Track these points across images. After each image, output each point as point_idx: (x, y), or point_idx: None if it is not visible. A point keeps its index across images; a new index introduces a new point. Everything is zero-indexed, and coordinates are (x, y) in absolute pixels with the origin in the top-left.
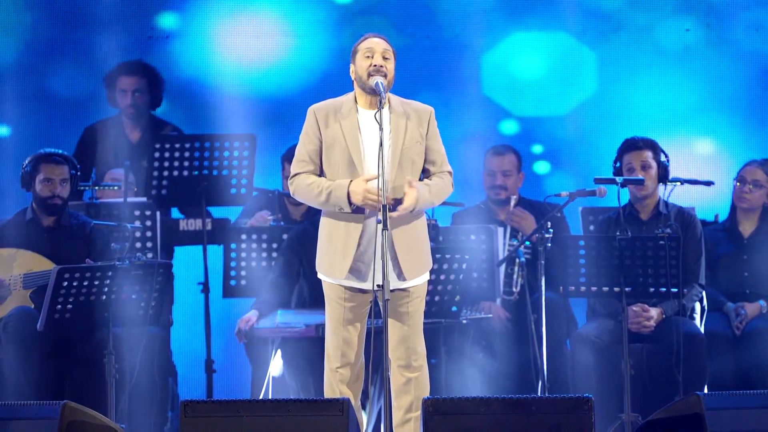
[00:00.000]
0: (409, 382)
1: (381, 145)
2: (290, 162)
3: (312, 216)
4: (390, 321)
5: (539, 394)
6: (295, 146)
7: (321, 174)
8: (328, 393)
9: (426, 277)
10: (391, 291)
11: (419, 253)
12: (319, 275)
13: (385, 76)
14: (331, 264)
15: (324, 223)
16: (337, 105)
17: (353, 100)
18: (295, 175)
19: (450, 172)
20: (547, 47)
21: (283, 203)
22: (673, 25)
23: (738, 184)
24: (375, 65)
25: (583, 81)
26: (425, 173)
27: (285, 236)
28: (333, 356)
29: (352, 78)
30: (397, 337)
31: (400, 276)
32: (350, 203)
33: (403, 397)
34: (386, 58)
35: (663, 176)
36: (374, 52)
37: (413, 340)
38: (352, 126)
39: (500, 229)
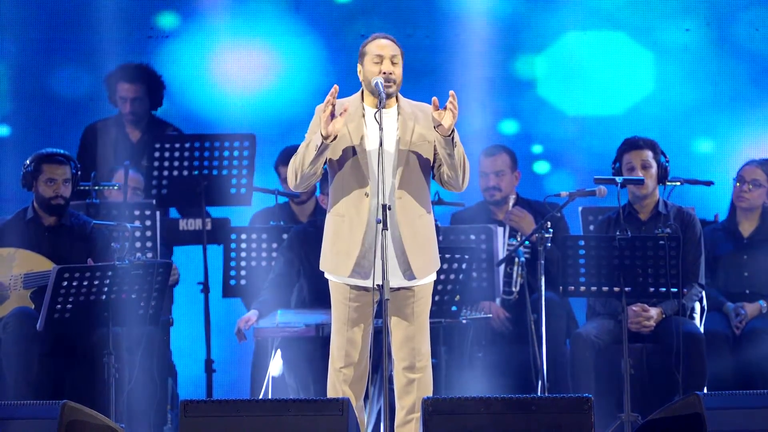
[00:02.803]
0: (412, 383)
1: (381, 144)
2: (284, 165)
3: (318, 211)
4: (395, 321)
5: (539, 394)
6: (285, 150)
7: (326, 171)
8: (331, 393)
9: (433, 277)
10: (397, 290)
11: (428, 252)
12: (326, 274)
13: (394, 82)
14: (337, 262)
15: (329, 221)
16: (343, 104)
17: (360, 99)
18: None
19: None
20: (600, 46)
21: (288, 207)
22: (673, 25)
23: (738, 183)
24: (384, 73)
25: (640, 80)
26: (440, 171)
27: (285, 236)
28: (337, 356)
29: (360, 79)
30: (401, 337)
31: (408, 274)
32: (323, 135)
33: (405, 398)
34: (395, 63)
35: (662, 177)
36: (383, 57)
37: (418, 340)
38: (358, 124)
39: (500, 229)
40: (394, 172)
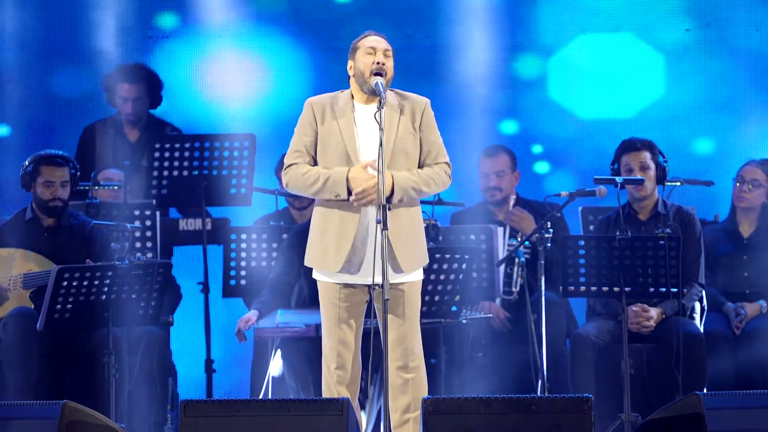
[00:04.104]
0: (407, 383)
1: (381, 145)
2: None
3: None
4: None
5: (539, 394)
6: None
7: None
8: (326, 393)
9: (420, 275)
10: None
11: (414, 246)
12: (314, 273)
13: (385, 74)
14: (324, 256)
15: (317, 214)
16: (334, 99)
17: (350, 96)
18: (289, 166)
19: (447, 163)
20: (609, 48)
21: (288, 213)
22: (673, 25)
23: (738, 183)
24: (378, 62)
25: (650, 84)
26: (421, 165)
27: (285, 236)
28: (330, 357)
29: (350, 74)
30: (393, 337)
31: (397, 269)
32: (349, 191)
33: (400, 398)
34: (387, 57)
35: (661, 177)
36: (376, 50)
37: (410, 340)
38: (348, 120)
39: (500, 229)
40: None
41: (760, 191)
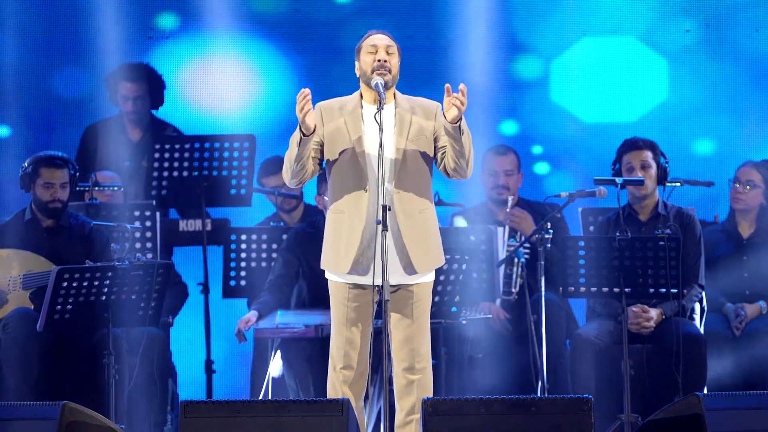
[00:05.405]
0: (412, 383)
1: (381, 145)
2: (266, 176)
3: (306, 218)
4: (394, 322)
5: (539, 394)
6: (266, 162)
7: (324, 169)
8: (331, 393)
9: (432, 277)
10: (396, 290)
11: (429, 246)
12: (326, 272)
13: (390, 71)
14: (336, 258)
15: (329, 219)
16: (342, 102)
17: (359, 96)
18: None
19: None
20: (614, 52)
21: (278, 217)
22: (673, 25)
23: (734, 185)
24: (379, 60)
25: (652, 88)
26: (443, 167)
27: (284, 237)
28: (336, 356)
29: (357, 75)
30: (401, 338)
31: (409, 269)
32: (301, 131)
33: (405, 399)
34: (390, 54)
35: (662, 177)
36: (378, 48)
37: (417, 341)
38: (356, 120)
39: (500, 230)
40: (393, 169)
41: (756, 192)
